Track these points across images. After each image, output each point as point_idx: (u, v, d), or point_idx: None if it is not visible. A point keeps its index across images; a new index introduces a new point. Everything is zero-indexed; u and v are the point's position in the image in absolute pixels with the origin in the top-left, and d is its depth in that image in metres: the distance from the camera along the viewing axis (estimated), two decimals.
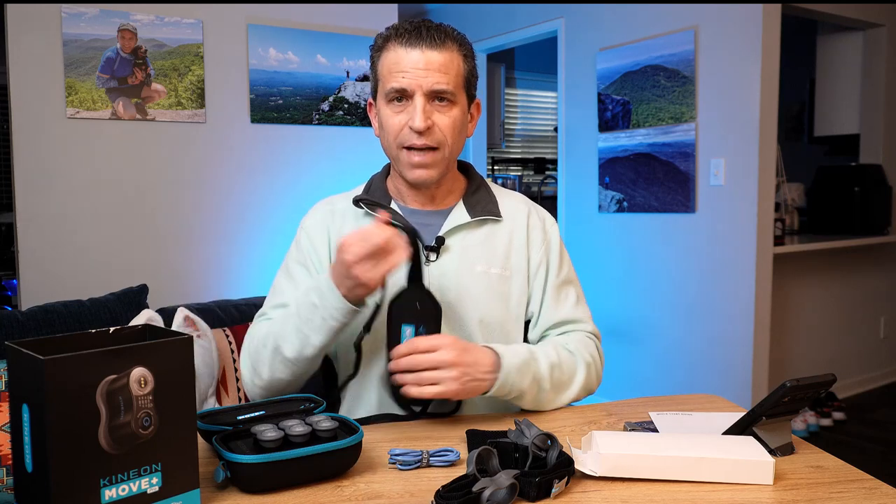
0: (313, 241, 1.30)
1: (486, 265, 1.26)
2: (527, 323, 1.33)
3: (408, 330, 1.13)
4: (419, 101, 1.17)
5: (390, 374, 1.10)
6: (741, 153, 3.21)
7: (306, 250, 1.30)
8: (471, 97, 1.26)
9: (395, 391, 1.13)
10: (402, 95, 1.18)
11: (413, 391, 1.07)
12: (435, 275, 1.24)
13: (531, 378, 1.17)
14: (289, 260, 1.33)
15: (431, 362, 1.07)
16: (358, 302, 1.11)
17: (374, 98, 1.26)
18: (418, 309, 1.14)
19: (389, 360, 1.10)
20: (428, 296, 1.16)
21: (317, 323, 1.12)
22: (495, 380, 1.13)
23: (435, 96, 1.18)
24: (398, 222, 1.16)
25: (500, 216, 1.30)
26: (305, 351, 1.14)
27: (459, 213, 1.28)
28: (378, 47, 1.22)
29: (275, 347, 1.17)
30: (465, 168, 1.37)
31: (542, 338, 1.32)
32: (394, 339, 1.14)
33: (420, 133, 1.18)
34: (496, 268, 1.27)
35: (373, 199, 1.27)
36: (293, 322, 1.15)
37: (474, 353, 1.11)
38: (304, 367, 1.17)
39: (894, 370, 4.47)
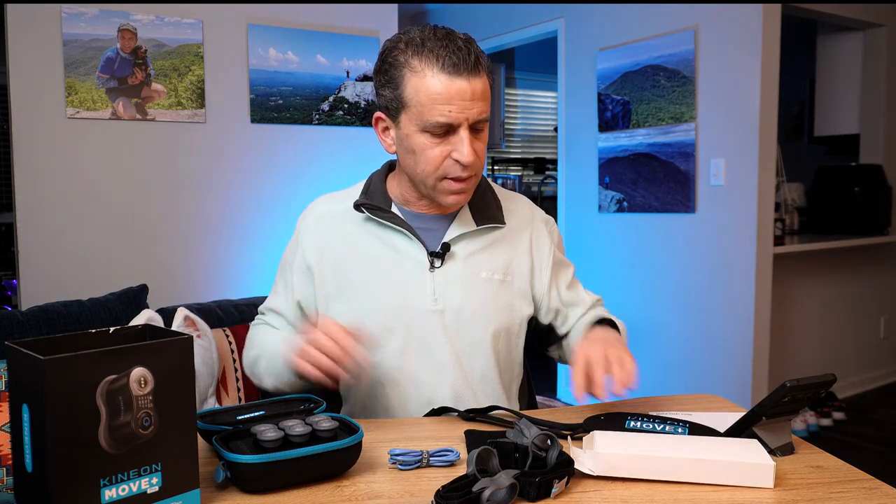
0: (305, 245, 1.29)
1: (489, 271, 1.25)
2: (549, 324, 1.36)
3: None
4: (465, 133, 1.11)
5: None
6: (741, 153, 3.21)
7: (296, 254, 1.31)
8: None
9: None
10: (445, 129, 1.12)
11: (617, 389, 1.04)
12: (439, 281, 1.23)
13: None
14: (283, 259, 1.35)
15: (614, 360, 1.05)
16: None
17: (394, 117, 1.17)
18: None
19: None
20: None
21: (285, 377, 1.21)
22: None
23: (476, 125, 1.13)
24: None
25: (504, 223, 1.29)
26: (283, 388, 1.22)
27: (465, 220, 1.26)
28: (401, 64, 1.12)
29: (259, 376, 1.27)
30: None
31: (579, 321, 1.35)
32: None
33: (465, 167, 1.14)
34: (499, 273, 1.26)
35: (373, 202, 1.25)
36: (270, 365, 1.24)
37: (612, 340, 1.13)
38: (289, 391, 1.23)
39: (894, 370, 4.47)
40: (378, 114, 1.21)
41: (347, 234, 1.27)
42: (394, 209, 1.27)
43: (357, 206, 1.25)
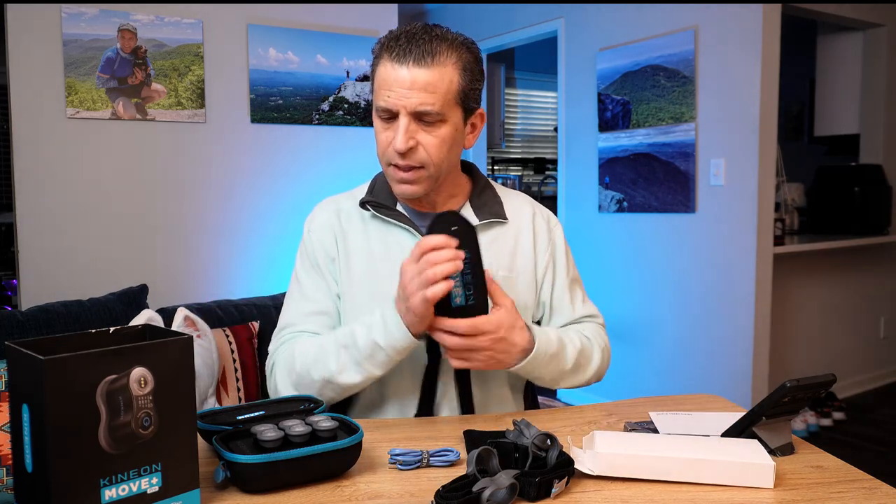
0: (322, 240, 1.28)
1: (494, 268, 1.26)
2: (536, 322, 1.34)
3: (456, 294, 1.09)
4: (402, 121, 1.14)
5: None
6: (741, 153, 3.21)
7: (317, 251, 1.28)
8: (469, 109, 1.21)
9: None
10: (388, 114, 1.16)
11: (452, 362, 1.12)
12: None
13: (555, 366, 1.20)
14: (302, 263, 1.31)
15: (469, 346, 1.10)
16: (420, 335, 1.12)
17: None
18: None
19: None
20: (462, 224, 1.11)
21: (381, 359, 1.13)
22: (519, 363, 1.15)
23: (420, 116, 1.15)
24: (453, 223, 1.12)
25: (506, 218, 1.30)
26: (366, 382, 1.16)
27: (467, 216, 1.26)
28: (375, 55, 1.20)
29: (327, 379, 1.16)
30: (468, 168, 1.35)
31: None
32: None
33: (402, 154, 1.16)
34: (503, 270, 1.27)
35: (378, 200, 1.26)
36: (351, 356, 1.14)
37: (511, 339, 1.12)
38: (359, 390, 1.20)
39: (894, 370, 4.47)
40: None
41: (355, 231, 1.28)
42: (399, 207, 1.27)
43: (363, 204, 1.26)
